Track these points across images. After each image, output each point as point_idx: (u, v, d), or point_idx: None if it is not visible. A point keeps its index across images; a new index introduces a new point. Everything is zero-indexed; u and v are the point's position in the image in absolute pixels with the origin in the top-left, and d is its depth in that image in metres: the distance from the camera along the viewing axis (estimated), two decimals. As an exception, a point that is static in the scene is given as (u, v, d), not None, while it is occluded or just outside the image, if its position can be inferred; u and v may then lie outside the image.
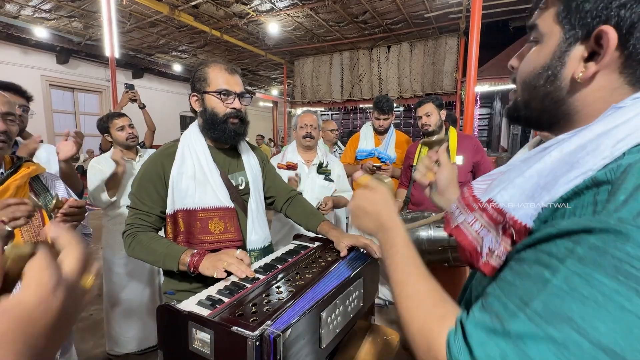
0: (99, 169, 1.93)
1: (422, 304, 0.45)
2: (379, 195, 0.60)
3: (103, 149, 2.69)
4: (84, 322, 2.50)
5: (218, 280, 0.87)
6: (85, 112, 8.83)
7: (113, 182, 1.88)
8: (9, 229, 0.80)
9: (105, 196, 1.87)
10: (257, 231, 1.19)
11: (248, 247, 1.17)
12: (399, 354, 1.03)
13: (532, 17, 0.46)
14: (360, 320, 0.99)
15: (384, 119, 2.45)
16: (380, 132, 2.53)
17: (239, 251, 0.93)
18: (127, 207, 1.12)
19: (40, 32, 6.66)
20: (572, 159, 0.37)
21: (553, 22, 0.42)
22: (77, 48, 7.60)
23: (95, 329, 2.43)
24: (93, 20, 6.17)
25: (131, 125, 2.04)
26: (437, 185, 0.73)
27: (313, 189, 1.95)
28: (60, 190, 1.11)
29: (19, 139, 1.56)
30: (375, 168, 2.38)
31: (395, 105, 7.71)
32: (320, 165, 2.05)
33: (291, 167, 1.99)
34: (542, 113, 0.46)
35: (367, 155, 2.54)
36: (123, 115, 2.05)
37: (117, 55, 4.97)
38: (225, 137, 1.12)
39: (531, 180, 0.40)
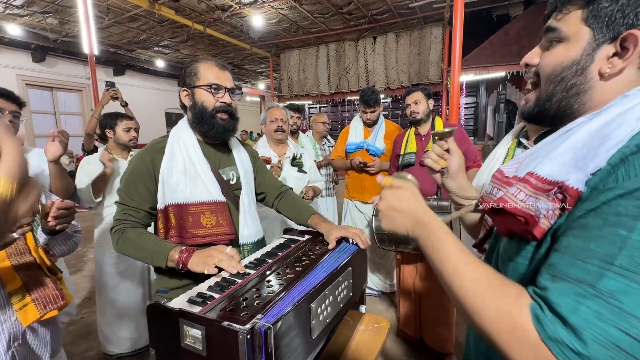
0: (88, 168, 1.92)
1: (491, 287, 0.44)
2: (408, 192, 0.60)
3: (86, 150, 2.63)
4: (75, 325, 2.47)
5: (209, 276, 0.87)
6: (66, 111, 8.57)
7: (99, 184, 1.88)
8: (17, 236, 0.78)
9: (90, 197, 1.87)
10: (250, 225, 1.20)
11: (241, 241, 1.18)
12: (390, 340, 1.06)
13: (550, 21, 0.53)
14: (352, 310, 1.01)
15: (371, 112, 2.46)
16: (369, 124, 2.54)
17: (229, 248, 0.93)
18: (116, 202, 1.11)
19: (13, 30, 6.39)
20: (602, 133, 0.42)
21: (580, 25, 0.48)
22: (53, 45, 7.33)
23: (87, 331, 2.40)
24: (69, 16, 5.95)
25: (137, 130, 2.11)
26: (449, 170, 0.76)
27: (289, 182, 1.97)
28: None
29: None
30: (362, 165, 2.41)
31: (382, 96, 7.74)
32: (294, 158, 2.08)
33: (265, 161, 2.02)
34: (562, 103, 0.51)
35: (356, 148, 2.55)
36: (133, 118, 2.14)
37: (96, 52, 4.83)
38: (214, 132, 1.12)
39: (567, 154, 0.45)
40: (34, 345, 1.01)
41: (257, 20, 6.03)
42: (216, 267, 0.88)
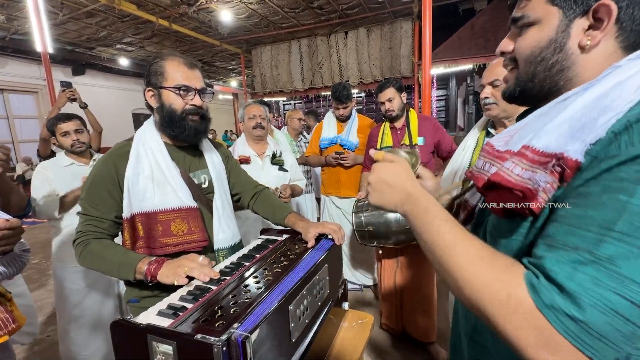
0: (44, 175, 1.76)
1: (483, 259, 0.44)
2: (400, 166, 0.59)
3: (42, 155, 2.43)
4: (40, 345, 2.29)
5: (181, 286, 0.82)
6: (20, 115, 7.94)
7: (69, 201, 1.75)
8: None
9: (55, 213, 1.73)
10: (225, 230, 1.15)
11: (215, 246, 1.12)
12: (374, 333, 1.05)
13: (515, 10, 0.53)
14: (335, 308, 0.99)
15: (344, 108, 2.47)
16: (342, 119, 2.54)
17: (201, 257, 0.88)
18: (78, 213, 1.02)
19: (-47, 27, 5.81)
20: (599, 105, 0.42)
21: (546, 6, 0.49)
22: (2, 44, 6.74)
23: (55, 350, 2.23)
24: (17, 11, 5.47)
25: (78, 131, 1.87)
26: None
27: (269, 181, 1.93)
28: None
29: None
30: (337, 156, 2.40)
31: (356, 91, 7.77)
32: (274, 156, 2.03)
33: (244, 160, 1.95)
34: (545, 82, 0.51)
35: (330, 143, 2.55)
36: (71, 118, 1.87)
37: (50, 50, 4.47)
38: (185, 135, 1.05)
39: (564, 126, 0.44)
40: None
41: (226, 16, 5.84)
42: (187, 277, 0.83)
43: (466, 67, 6.06)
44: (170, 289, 0.83)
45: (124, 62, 8.85)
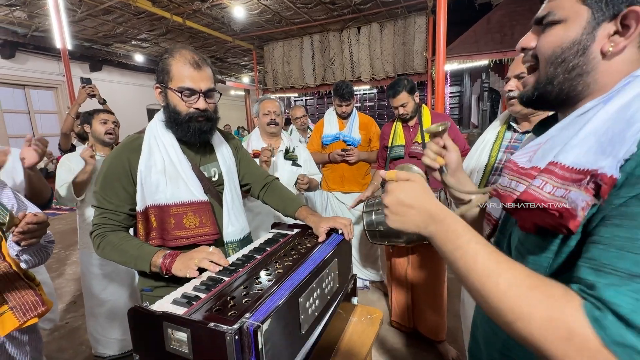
0: (68, 166, 1.86)
1: (533, 289, 0.40)
2: (418, 185, 0.54)
3: (63, 149, 2.52)
4: (60, 331, 2.39)
5: (192, 279, 0.84)
6: (40, 110, 8.19)
7: (80, 181, 1.81)
8: None
9: (70, 195, 1.80)
10: (234, 223, 1.16)
11: (225, 239, 1.14)
12: (383, 330, 1.06)
13: (544, 5, 0.52)
14: (344, 303, 1.00)
15: (346, 105, 2.47)
16: (343, 116, 2.55)
17: (211, 248, 0.90)
18: (93, 206, 1.05)
19: (-22, 24, 6.03)
20: (624, 116, 0.41)
21: (577, 4, 0.47)
22: (23, 41, 6.95)
23: (73, 336, 2.33)
24: (38, 8, 5.64)
25: (115, 123, 2.02)
26: (448, 167, 0.73)
27: (282, 176, 1.94)
28: (8, 199, 1.01)
29: None
30: (342, 153, 2.42)
31: (368, 87, 7.70)
32: (287, 151, 2.04)
33: (257, 155, 1.97)
34: (564, 86, 0.50)
35: (333, 139, 2.55)
36: (112, 113, 2.07)
37: (69, 46, 4.60)
38: (189, 136, 1.04)
39: (590, 140, 0.43)
40: (14, 356, 0.96)
41: (239, 12, 5.86)
42: (198, 269, 0.85)
43: (481, 63, 5.93)
44: (182, 280, 0.86)
45: (139, 58, 9.02)
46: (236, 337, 0.55)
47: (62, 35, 4.39)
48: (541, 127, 0.59)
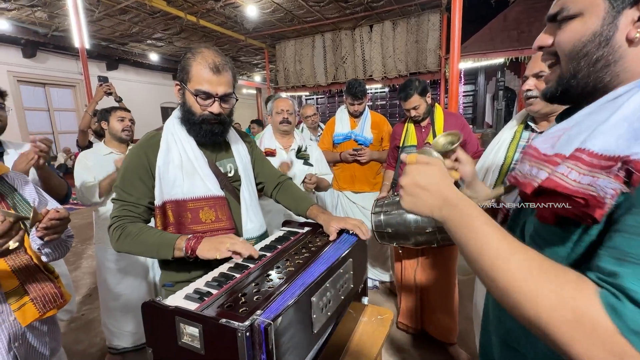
0: (85, 163, 1.90)
1: (544, 272, 0.40)
2: (436, 168, 0.54)
3: (81, 146, 2.59)
4: (76, 322, 2.46)
5: (219, 264, 0.86)
6: (59, 108, 8.45)
7: (105, 185, 1.87)
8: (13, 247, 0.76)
9: (95, 197, 1.85)
10: (252, 219, 1.17)
11: (244, 235, 1.15)
12: (392, 330, 1.05)
13: (556, 2, 0.50)
14: (354, 302, 1.00)
15: (359, 104, 2.44)
16: (355, 115, 2.52)
17: (242, 239, 0.92)
18: (112, 200, 1.08)
19: (2, 24, 6.24)
20: None
21: None
22: (43, 40, 7.17)
23: (89, 328, 2.40)
24: (58, 9, 5.80)
25: (131, 121, 2.07)
26: (464, 180, 0.71)
27: (294, 174, 1.94)
28: (30, 194, 1.05)
29: (6, 140, 1.49)
30: (354, 152, 2.40)
31: (380, 86, 7.62)
32: (299, 150, 2.03)
33: (269, 153, 1.97)
34: (589, 78, 0.48)
35: (344, 138, 2.53)
36: (128, 110, 2.11)
37: (87, 45, 4.73)
38: (200, 137, 1.07)
39: (621, 126, 0.41)
40: (34, 345, 0.99)
41: (251, 10, 5.90)
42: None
43: (497, 61, 5.80)
44: (208, 268, 0.87)
45: (153, 57, 9.18)
46: (247, 333, 0.55)
47: (80, 35, 4.51)
48: (565, 115, 0.57)
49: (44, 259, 1.00)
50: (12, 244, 0.74)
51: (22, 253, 0.93)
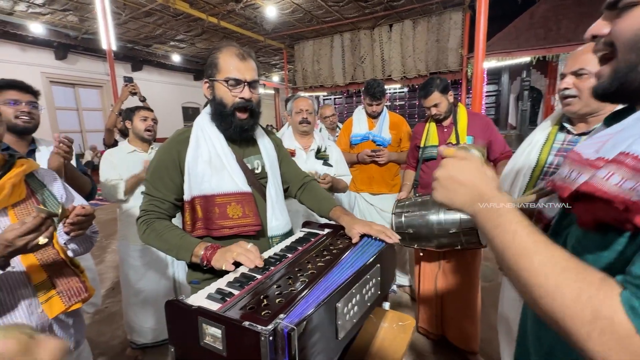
0: (110, 161, 1.96)
1: (567, 270, 0.40)
2: (473, 163, 0.54)
3: (107, 144, 2.67)
4: (100, 315, 2.54)
5: (240, 264, 0.85)
6: (87, 107, 8.82)
7: (131, 184, 1.92)
8: (43, 242, 0.78)
9: (120, 194, 1.91)
10: (278, 217, 1.17)
11: (269, 233, 1.15)
12: (411, 343, 1.01)
13: None
14: (375, 307, 0.97)
15: (377, 104, 2.39)
16: (373, 116, 2.48)
17: (250, 245, 0.90)
18: (142, 193, 1.11)
19: (37, 28, 6.58)
20: None
21: None
22: (74, 43, 7.51)
23: (112, 321, 2.47)
24: (87, 12, 6.06)
25: (154, 120, 2.11)
26: None
27: (312, 175, 1.92)
28: (58, 190, 1.08)
29: (39, 137, 1.55)
30: (372, 153, 2.36)
31: (399, 86, 7.50)
32: (318, 151, 2.01)
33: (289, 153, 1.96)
34: None
35: (362, 139, 2.48)
36: (151, 110, 2.16)
37: (114, 47, 4.89)
38: (231, 131, 1.08)
39: None
40: (60, 337, 1.02)
41: (271, 11, 5.95)
42: (234, 263, 0.85)
43: (522, 60, 5.59)
44: (225, 273, 0.86)
45: (176, 58, 9.44)
46: (270, 338, 0.54)
47: (107, 37, 4.68)
48: (614, 119, 0.52)
49: (69, 253, 1.03)
50: (42, 240, 0.76)
51: (50, 247, 0.96)
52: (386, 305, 1.09)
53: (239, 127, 1.07)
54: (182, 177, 1.07)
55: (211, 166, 1.06)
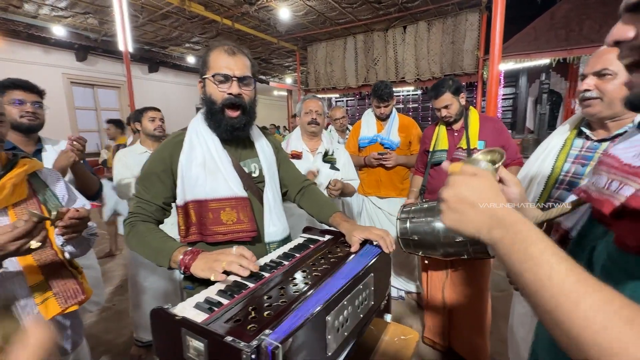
0: (124, 161, 2.01)
1: (630, 321, 0.33)
2: (486, 181, 0.47)
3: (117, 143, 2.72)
4: (106, 312, 2.58)
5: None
6: (105, 107, 9.06)
7: None
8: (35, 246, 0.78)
9: (132, 193, 1.93)
10: (275, 223, 1.13)
11: (266, 239, 1.11)
12: (419, 347, 0.96)
13: None
14: (376, 319, 0.92)
15: (385, 106, 2.35)
16: (382, 118, 2.43)
17: (235, 248, 0.85)
18: (132, 194, 1.09)
19: (59, 31, 6.80)
20: None
21: None
22: (94, 45, 7.74)
23: (118, 319, 2.50)
24: (107, 15, 6.23)
25: (162, 120, 2.15)
26: (512, 203, 0.62)
27: (319, 179, 1.88)
28: (60, 190, 1.08)
29: (46, 137, 1.57)
30: (379, 156, 2.30)
31: (412, 88, 7.39)
32: (325, 154, 1.97)
33: (296, 156, 1.92)
34: None
35: (370, 142, 2.44)
36: (158, 110, 2.20)
37: (131, 49, 5.00)
38: (221, 130, 1.04)
39: None
40: (57, 339, 1.02)
41: (284, 13, 5.97)
42: (225, 272, 0.80)
43: (541, 63, 5.39)
44: (226, 272, 0.81)
45: (190, 60, 9.59)
46: (253, 356, 0.50)
47: (124, 39, 4.78)
48: None
49: (66, 255, 1.03)
50: (34, 244, 0.75)
51: (48, 248, 0.95)
52: (388, 317, 1.04)
53: (229, 126, 1.02)
54: (174, 181, 1.04)
55: (205, 169, 1.03)
